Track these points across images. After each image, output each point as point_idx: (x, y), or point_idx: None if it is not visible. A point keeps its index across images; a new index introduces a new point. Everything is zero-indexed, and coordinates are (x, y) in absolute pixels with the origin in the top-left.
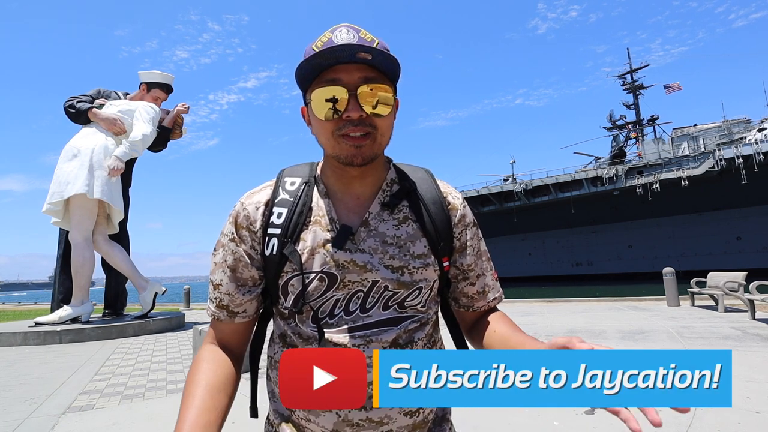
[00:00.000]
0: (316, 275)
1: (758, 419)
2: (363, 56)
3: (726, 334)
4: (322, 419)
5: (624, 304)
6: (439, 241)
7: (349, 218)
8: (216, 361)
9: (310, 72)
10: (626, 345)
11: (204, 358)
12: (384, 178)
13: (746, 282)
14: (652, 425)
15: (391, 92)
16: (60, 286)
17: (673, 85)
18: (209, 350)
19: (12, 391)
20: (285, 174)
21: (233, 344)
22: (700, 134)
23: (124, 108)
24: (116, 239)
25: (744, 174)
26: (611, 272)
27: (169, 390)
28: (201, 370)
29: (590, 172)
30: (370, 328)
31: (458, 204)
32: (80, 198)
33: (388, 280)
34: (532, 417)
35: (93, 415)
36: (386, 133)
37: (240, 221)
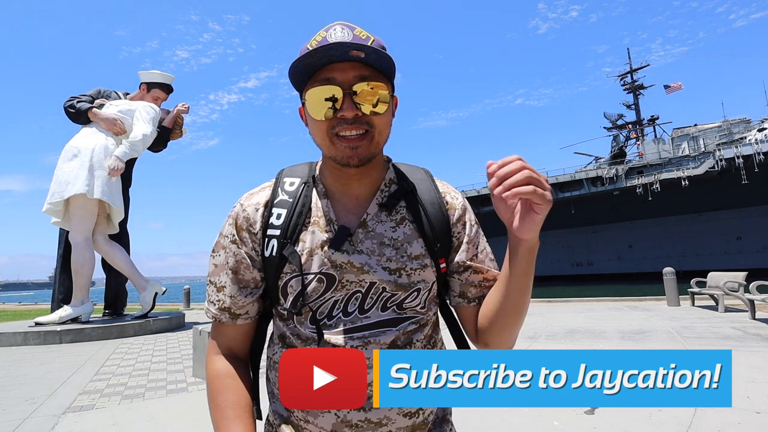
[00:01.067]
0: (314, 276)
1: (758, 419)
2: (356, 54)
3: (726, 334)
4: (321, 420)
5: (624, 304)
6: (435, 242)
7: (347, 219)
8: (234, 376)
9: (305, 71)
10: (626, 345)
11: (221, 374)
12: (382, 178)
13: (746, 282)
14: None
15: (387, 90)
16: (60, 286)
17: (674, 85)
18: (222, 363)
19: (12, 391)
20: (284, 174)
21: (238, 348)
22: (701, 134)
23: (124, 108)
24: (116, 239)
25: (744, 174)
26: (611, 272)
27: (169, 390)
28: (226, 387)
29: (590, 172)
30: (368, 330)
31: (456, 203)
32: (80, 198)
33: (386, 282)
34: (532, 417)
35: (93, 415)
36: (383, 131)
37: (240, 223)
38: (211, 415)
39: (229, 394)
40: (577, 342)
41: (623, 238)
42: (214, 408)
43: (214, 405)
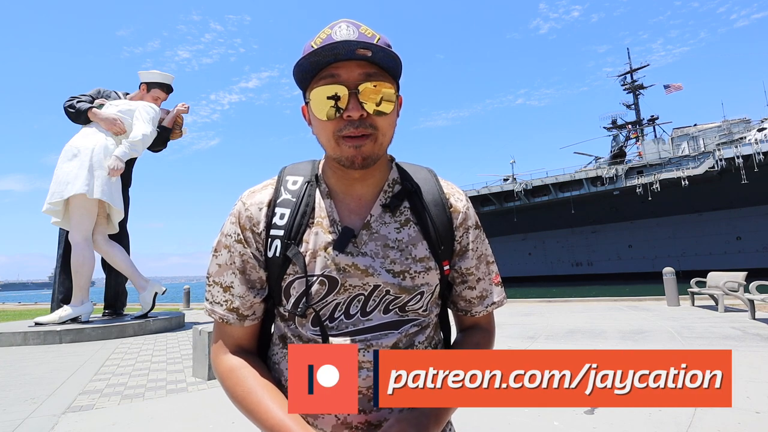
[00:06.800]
0: (317, 278)
1: (758, 419)
2: (362, 52)
3: (726, 334)
4: (321, 422)
5: (624, 304)
6: (440, 244)
7: (350, 220)
8: (249, 367)
9: (309, 70)
10: (626, 345)
11: (236, 367)
12: (386, 179)
13: (746, 282)
14: None
15: (392, 89)
16: (60, 286)
17: (674, 85)
18: (233, 358)
19: (12, 391)
20: (286, 172)
21: (247, 346)
22: (700, 134)
23: (124, 108)
24: (116, 239)
25: (744, 174)
26: (611, 272)
27: (169, 390)
28: (245, 377)
29: (590, 172)
30: (370, 332)
31: (460, 206)
32: (80, 198)
33: (390, 285)
34: (532, 417)
35: (93, 415)
36: (388, 132)
37: (243, 222)
38: (239, 405)
39: (251, 380)
40: (577, 342)
41: (623, 238)
42: (239, 398)
43: (239, 395)
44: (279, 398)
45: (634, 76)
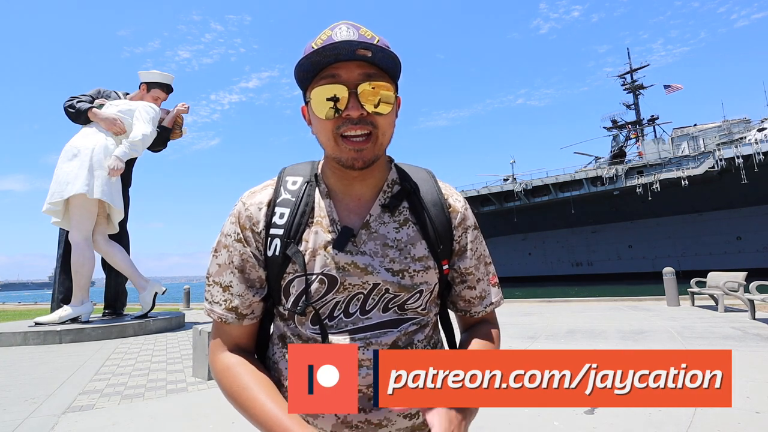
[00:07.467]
0: (316, 277)
1: (758, 419)
2: (363, 53)
3: (726, 334)
4: (320, 421)
5: (624, 304)
6: (438, 243)
7: (350, 220)
8: (246, 364)
9: (310, 70)
10: (626, 345)
11: (232, 365)
12: (385, 179)
13: (746, 282)
14: None
15: (392, 90)
16: (60, 286)
17: (674, 85)
18: (231, 356)
19: (12, 391)
20: (286, 173)
21: (245, 345)
22: (700, 134)
23: (124, 108)
24: (116, 239)
25: (744, 174)
26: (611, 272)
27: (169, 390)
28: (241, 374)
29: (590, 172)
30: (369, 330)
31: (459, 206)
32: (80, 198)
33: (389, 283)
34: (532, 417)
35: (93, 415)
36: (387, 132)
37: (243, 222)
38: (234, 402)
39: (246, 377)
40: (577, 342)
41: (623, 238)
42: (234, 395)
43: (234, 392)
44: (275, 395)
45: (634, 76)
